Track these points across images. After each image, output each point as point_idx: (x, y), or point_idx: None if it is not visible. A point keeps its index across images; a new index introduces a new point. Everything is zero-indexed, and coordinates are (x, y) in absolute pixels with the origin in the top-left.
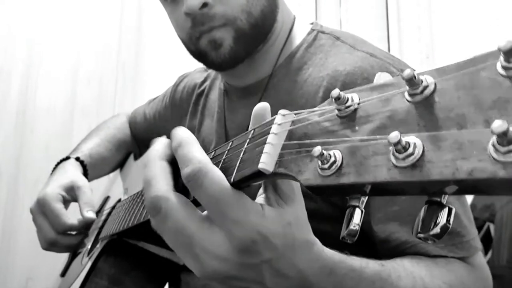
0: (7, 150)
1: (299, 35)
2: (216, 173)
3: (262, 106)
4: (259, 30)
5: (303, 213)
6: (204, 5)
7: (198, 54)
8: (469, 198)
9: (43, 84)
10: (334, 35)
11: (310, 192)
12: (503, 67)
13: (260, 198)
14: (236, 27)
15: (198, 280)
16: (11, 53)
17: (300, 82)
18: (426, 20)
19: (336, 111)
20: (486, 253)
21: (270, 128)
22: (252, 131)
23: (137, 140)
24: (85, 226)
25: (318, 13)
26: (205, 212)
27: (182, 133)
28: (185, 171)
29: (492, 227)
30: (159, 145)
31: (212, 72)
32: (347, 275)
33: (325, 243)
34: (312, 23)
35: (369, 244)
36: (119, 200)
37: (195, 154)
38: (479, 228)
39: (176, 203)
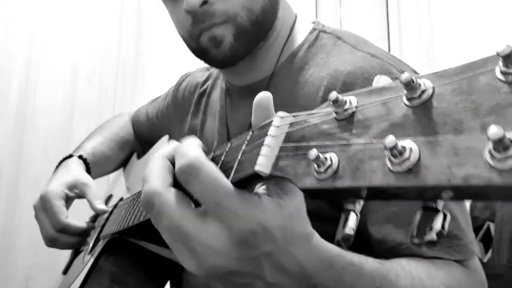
0: (7, 148)
1: (301, 34)
2: (212, 167)
3: (265, 96)
4: (260, 27)
5: (303, 205)
6: (204, 2)
7: (199, 51)
8: None
9: (42, 83)
10: (336, 34)
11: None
12: (502, 72)
13: (260, 189)
14: (237, 24)
15: (200, 279)
16: (10, 51)
17: (301, 82)
18: (426, 19)
19: (334, 114)
20: (486, 253)
21: (268, 130)
22: (250, 133)
23: (140, 140)
24: (84, 231)
25: (318, 11)
26: (202, 207)
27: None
28: (180, 162)
29: (492, 227)
30: (167, 146)
31: (214, 72)
32: (346, 269)
33: None
34: (313, 22)
35: (366, 246)
36: (121, 199)
37: (191, 149)
38: (480, 227)
39: (169, 199)
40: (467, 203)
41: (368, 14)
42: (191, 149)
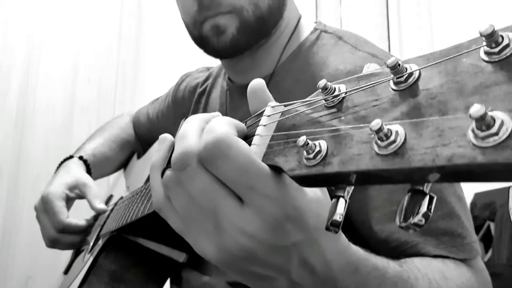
0: (7, 148)
1: (303, 34)
2: (244, 144)
3: (257, 83)
4: (264, 24)
5: (328, 195)
6: None
7: (200, 39)
8: (469, 197)
9: (43, 82)
10: (337, 34)
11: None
12: (486, 53)
13: None
14: (242, 17)
15: (200, 278)
16: (10, 50)
17: (301, 81)
18: (426, 19)
19: (324, 101)
20: (486, 252)
21: (260, 120)
22: (244, 123)
23: (140, 140)
24: (85, 229)
25: (318, 11)
26: None
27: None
28: (206, 138)
29: (492, 226)
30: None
31: (213, 71)
32: (371, 274)
33: None
34: (315, 22)
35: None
36: (121, 198)
37: (220, 125)
38: (480, 227)
39: None
40: (467, 203)
41: (368, 13)
42: (220, 124)
